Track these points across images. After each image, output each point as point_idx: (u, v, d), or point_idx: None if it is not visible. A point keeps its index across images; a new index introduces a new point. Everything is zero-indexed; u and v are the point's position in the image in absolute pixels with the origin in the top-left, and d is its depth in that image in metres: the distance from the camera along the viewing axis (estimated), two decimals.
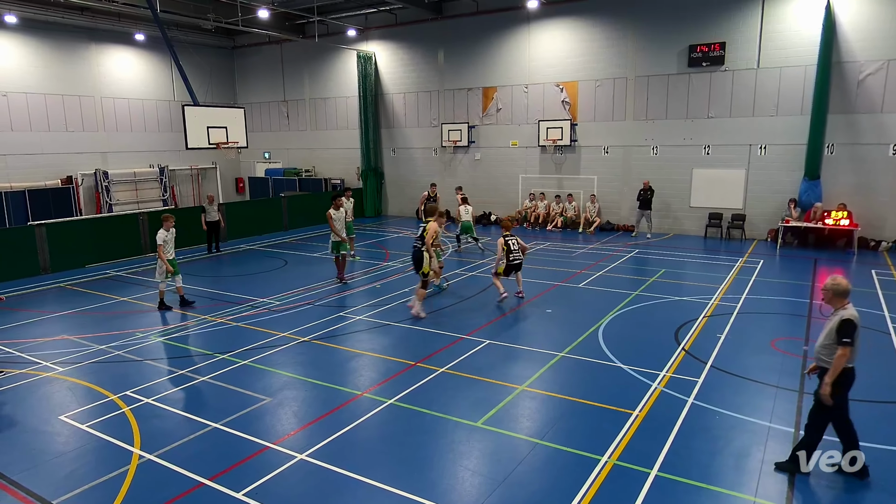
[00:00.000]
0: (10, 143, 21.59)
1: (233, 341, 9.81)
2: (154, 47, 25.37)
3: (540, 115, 21.61)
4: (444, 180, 24.35)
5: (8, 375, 8.48)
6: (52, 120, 22.82)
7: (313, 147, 27.79)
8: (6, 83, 21.44)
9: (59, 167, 22.89)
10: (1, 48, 21.23)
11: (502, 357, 8.93)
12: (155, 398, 7.63)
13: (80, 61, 23.53)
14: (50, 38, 22.50)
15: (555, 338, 9.74)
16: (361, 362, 8.91)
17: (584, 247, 17.86)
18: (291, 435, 6.65)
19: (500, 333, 9.99)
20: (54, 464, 6.16)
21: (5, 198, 20.74)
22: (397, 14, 23.83)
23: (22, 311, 11.78)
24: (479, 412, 7.09)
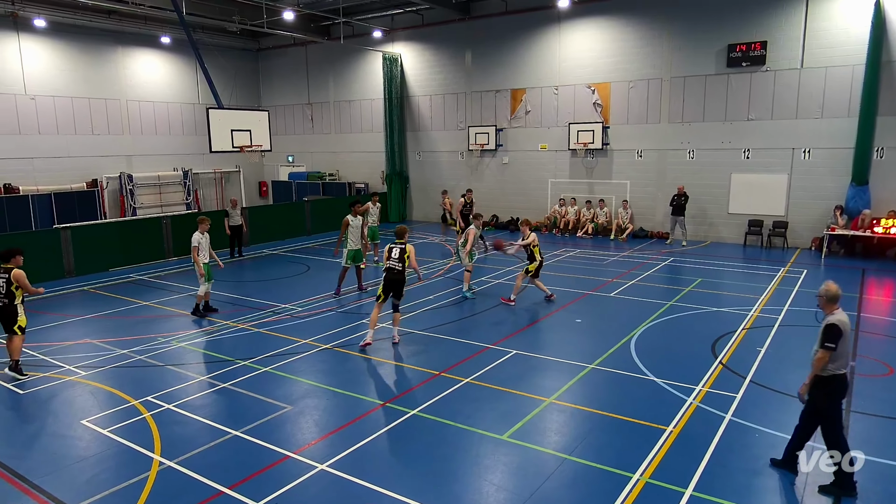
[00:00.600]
0: (37, 147, 22.28)
1: (254, 348, 9.93)
2: (179, 50, 25.96)
3: (570, 117, 21.50)
4: (470, 185, 24.31)
5: (31, 378, 8.71)
6: (79, 123, 23.49)
7: (337, 150, 28.08)
8: (35, 87, 22.16)
9: (84, 170, 23.53)
10: (30, 52, 21.96)
11: (530, 368, 8.87)
12: (176, 404, 7.76)
13: (106, 64, 24.21)
14: (77, 42, 23.19)
15: (585, 349, 9.64)
16: (384, 371, 8.94)
17: (616, 254, 17.68)
18: (312, 444, 6.69)
19: (527, 343, 9.93)
20: (76, 468, 6.30)
21: (32, 201, 21.39)
22: (424, 15, 23.98)
23: (46, 314, 12.11)
24: (506, 425, 7.04)
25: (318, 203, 23.12)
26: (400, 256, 9.76)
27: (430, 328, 10.78)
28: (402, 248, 9.80)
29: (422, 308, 12.14)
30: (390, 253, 9.81)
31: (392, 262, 9.77)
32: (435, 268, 16.01)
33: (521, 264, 13.94)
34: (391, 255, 9.80)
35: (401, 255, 9.77)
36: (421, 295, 13.12)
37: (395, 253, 9.79)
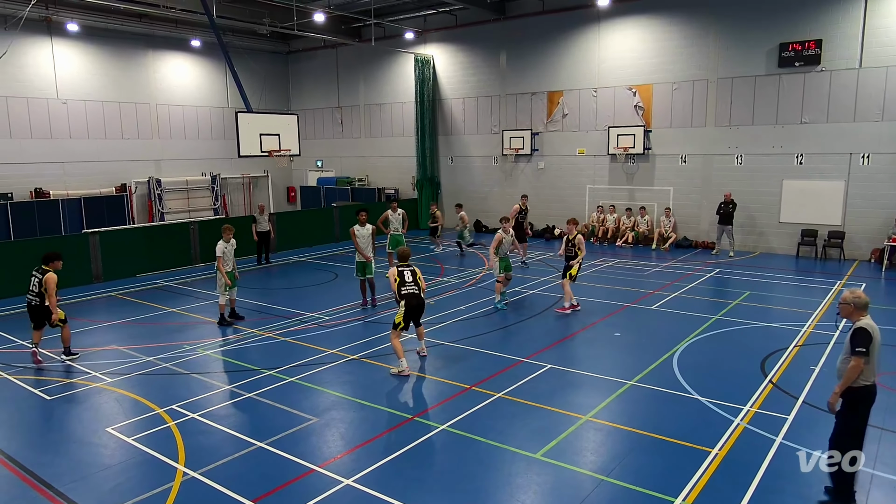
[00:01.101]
0: (68, 151, 23.06)
1: (280, 357, 10.06)
2: (209, 53, 26.62)
3: (610, 120, 21.33)
4: (504, 191, 24.33)
5: (58, 384, 8.98)
6: (109, 127, 24.24)
7: (367, 155, 28.36)
8: (67, 91, 22.96)
9: (113, 175, 24.25)
10: (63, 56, 22.78)
11: (565, 383, 8.78)
12: (200, 413, 7.90)
13: (137, 68, 24.96)
14: (109, 46, 23.97)
15: (624, 364, 9.52)
16: (413, 384, 8.95)
17: (658, 265, 17.43)
18: (338, 458, 6.73)
19: (563, 357, 9.84)
20: (100, 477, 6.45)
21: (62, 205, 22.13)
22: (457, 15, 24.12)
23: (73, 320, 12.46)
24: (539, 443, 6.98)
25: (347, 209, 23.36)
26: (414, 279, 9.51)
27: (461, 340, 10.77)
28: (412, 270, 9.57)
29: (452, 319, 12.14)
30: (403, 277, 9.46)
31: (408, 287, 9.43)
32: (466, 277, 16.00)
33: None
34: (405, 280, 9.43)
35: (414, 276, 9.52)
36: (451, 305, 13.12)
37: (408, 276, 9.48)
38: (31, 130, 22.14)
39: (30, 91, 22.00)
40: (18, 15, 18.75)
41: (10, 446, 7.15)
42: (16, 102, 21.70)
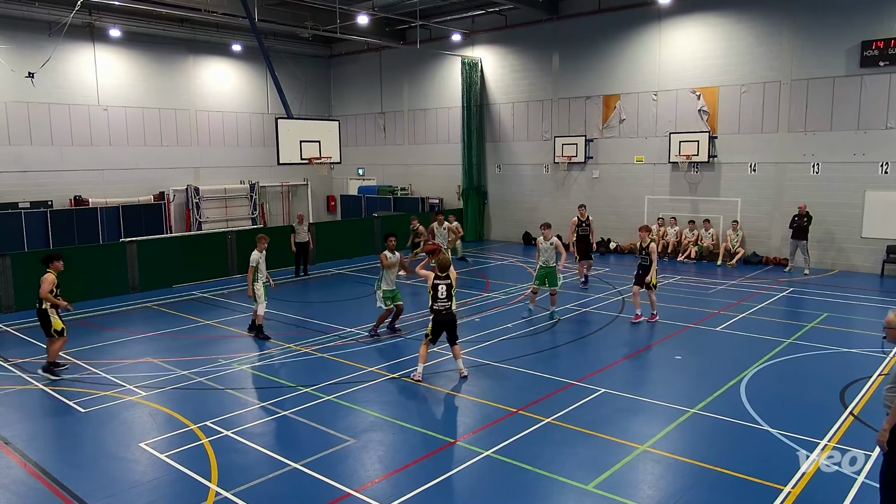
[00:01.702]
0: (107, 158, 24.04)
1: (317, 374, 10.19)
2: (250, 58, 27.42)
3: (671, 126, 21.01)
4: (555, 201, 24.19)
5: (92, 397, 9.30)
6: (148, 134, 25.18)
7: (410, 163, 28.64)
8: (107, 97, 23.98)
9: (152, 182, 25.15)
10: (105, 62, 23.82)
11: (621, 409, 8.65)
12: (234, 431, 8.06)
13: (177, 74, 25.89)
14: (150, 51, 24.95)
15: (685, 390, 9.31)
16: (456, 405, 8.95)
17: (724, 282, 17.03)
18: (376, 483, 6.76)
19: (618, 381, 9.69)
20: (132, 493, 6.64)
21: (100, 213, 23.04)
22: (507, 15, 24.23)
23: (108, 331, 12.94)
24: (591, 473, 6.87)
25: (388, 219, 23.60)
26: (448, 294, 9.62)
27: (507, 360, 10.71)
28: (448, 284, 9.64)
29: (499, 337, 12.10)
30: (436, 291, 9.58)
31: (440, 302, 9.58)
32: (514, 293, 15.93)
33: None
34: (438, 295, 9.58)
35: (448, 292, 9.62)
36: (498, 322, 13.08)
37: (441, 291, 9.58)
38: (72, 137, 23.18)
39: (71, 98, 23.06)
40: (62, 21, 19.72)
41: (44, 459, 7.44)
42: (58, 109, 22.77)
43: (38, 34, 21.47)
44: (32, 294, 14.51)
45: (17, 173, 21.90)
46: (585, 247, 16.37)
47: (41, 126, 22.44)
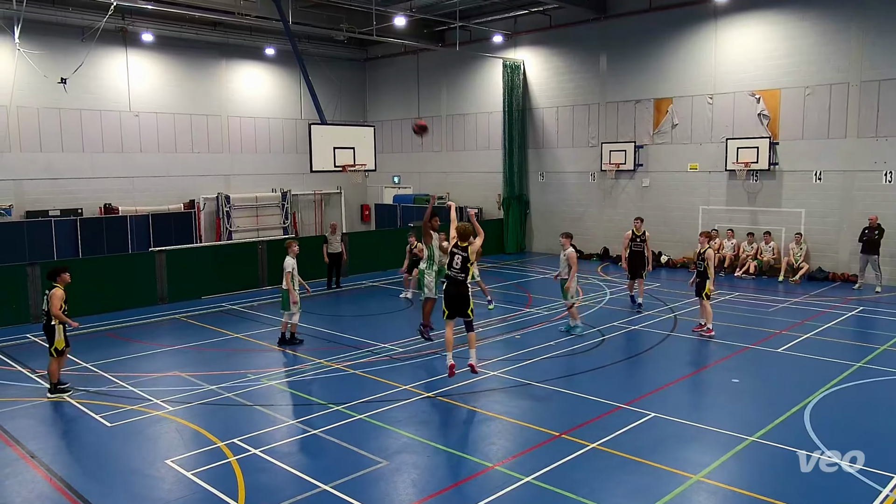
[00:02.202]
0: (137, 165, 24.72)
1: (349, 391, 10.25)
2: (283, 62, 27.95)
3: (728, 131, 20.68)
4: (602, 211, 23.98)
5: (120, 411, 9.52)
6: (179, 141, 25.83)
7: (448, 170, 28.74)
8: (139, 103, 24.70)
9: (182, 190, 25.75)
10: (136, 67, 24.56)
11: (672, 435, 8.49)
12: (262, 449, 8.15)
13: (209, 79, 26.53)
14: (182, 56, 25.64)
15: (743, 416, 9.10)
16: (494, 427, 8.89)
17: (786, 300, 16.63)
18: None
19: (669, 405, 9.52)
20: None
21: (130, 222, 23.68)
22: (551, 15, 24.22)
23: (136, 343, 13.25)
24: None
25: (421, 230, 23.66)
26: (462, 266, 9.91)
27: (550, 380, 10.62)
28: (464, 256, 9.92)
29: (541, 355, 12.01)
30: (452, 259, 10.03)
31: (452, 270, 10.02)
32: (557, 308, 15.81)
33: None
34: (453, 263, 10.02)
35: (463, 264, 9.91)
36: (540, 340, 13.00)
37: (456, 261, 9.99)
38: (103, 144, 23.91)
39: (103, 104, 23.81)
40: (95, 26, 20.42)
41: (69, 474, 7.63)
42: (89, 116, 23.53)
43: (71, 39, 22.26)
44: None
45: (48, 180, 22.66)
46: (637, 264, 15.41)
47: (72, 133, 23.21)
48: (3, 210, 21.51)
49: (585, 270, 21.25)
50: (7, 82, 21.20)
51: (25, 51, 20.35)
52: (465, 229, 10.10)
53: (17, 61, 20.74)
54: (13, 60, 20.79)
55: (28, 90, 21.76)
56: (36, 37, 21.25)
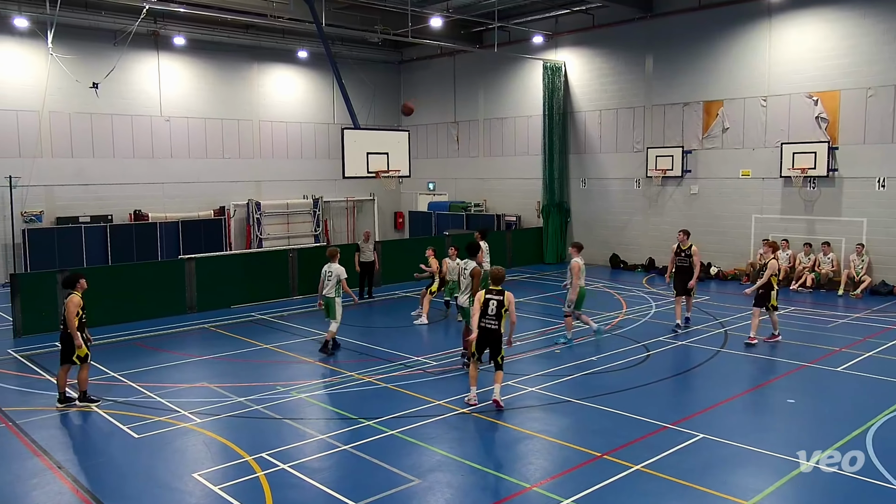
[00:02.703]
0: (168, 171, 25.27)
1: (381, 405, 10.28)
2: (316, 65, 28.33)
3: (783, 135, 20.33)
4: (647, 220, 23.73)
5: (147, 422, 9.70)
6: (210, 146, 26.33)
7: (485, 177, 28.75)
8: (170, 108, 25.27)
9: (212, 197, 26.22)
10: (168, 72, 25.15)
11: (722, 458, 8.36)
12: (291, 464, 8.22)
13: (241, 83, 27.03)
14: (214, 60, 26.18)
15: (799, 439, 8.89)
16: (532, 446, 8.84)
17: (847, 315, 16.24)
18: None
19: (720, 426, 9.35)
20: None
21: (160, 229, 24.19)
22: (594, 14, 24.12)
23: (164, 353, 13.49)
24: None
25: (461, 238, 23.64)
26: (497, 313, 9.82)
27: (591, 397, 10.52)
28: (499, 301, 9.81)
29: (582, 371, 11.91)
30: (486, 307, 9.82)
31: (487, 319, 9.85)
32: (599, 321, 15.66)
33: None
34: (487, 311, 9.83)
35: (498, 310, 9.81)
36: (581, 355, 12.89)
37: (491, 308, 9.81)
38: (134, 150, 24.50)
39: (134, 108, 24.42)
40: (127, 30, 20.98)
41: (96, 486, 7.79)
42: (120, 121, 24.15)
43: (103, 43, 22.91)
44: (93, 312, 15.41)
45: (79, 186, 23.30)
46: (684, 280, 14.52)
47: (103, 138, 23.83)
48: (34, 216, 22.18)
49: (629, 282, 21.05)
50: (40, 87, 21.87)
51: (58, 55, 20.99)
52: (499, 272, 10.11)
53: (49, 66, 21.42)
54: (46, 65, 21.46)
55: (60, 95, 22.44)
56: (68, 41, 21.91)
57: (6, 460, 8.50)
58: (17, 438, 9.17)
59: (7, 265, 21.62)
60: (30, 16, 21.14)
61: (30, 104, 22.07)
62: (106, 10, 22.44)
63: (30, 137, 22.19)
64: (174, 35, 24.26)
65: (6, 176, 21.28)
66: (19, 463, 8.42)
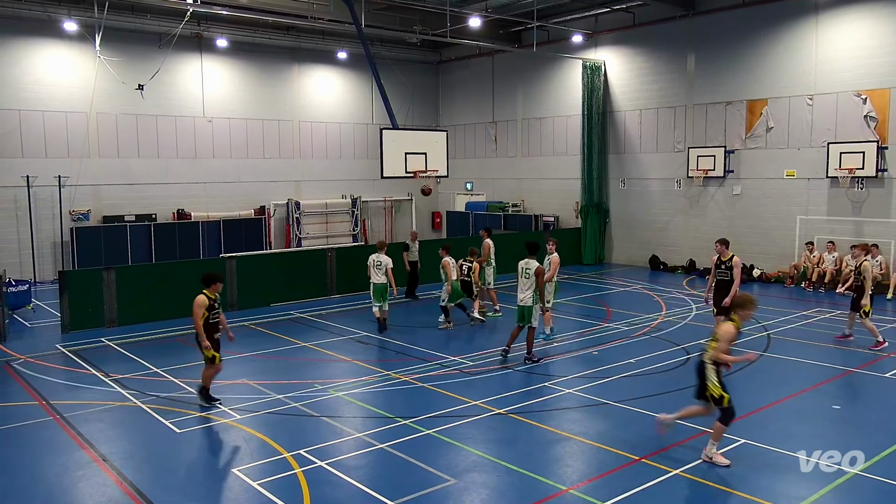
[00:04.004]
0: (210, 171, 25.73)
1: (417, 405, 10.34)
2: (355, 66, 28.56)
3: (830, 135, 19.86)
4: (688, 221, 23.41)
5: (187, 417, 9.89)
6: (251, 146, 26.74)
7: (523, 177, 28.66)
8: (212, 109, 25.73)
9: (253, 196, 26.62)
10: (210, 73, 25.62)
11: (763, 464, 8.20)
12: (329, 462, 8.30)
13: (281, 84, 27.39)
14: (255, 61, 26.58)
15: (844, 446, 8.64)
16: (568, 448, 8.79)
17: (894, 320, 15.75)
18: None
19: (761, 431, 9.18)
20: None
21: (202, 228, 24.64)
22: (635, 13, 23.88)
23: None
24: None
25: (498, 239, 23.59)
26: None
27: (630, 400, 10.42)
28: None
29: (620, 373, 11.80)
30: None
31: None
32: (639, 324, 15.49)
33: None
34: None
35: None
36: (620, 357, 12.77)
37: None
38: (177, 150, 25.02)
39: (178, 109, 24.93)
40: (172, 33, 21.42)
41: (139, 479, 7.97)
42: (165, 121, 24.67)
43: (148, 46, 23.45)
44: (136, 309, 15.83)
45: (124, 186, 23.88)
46: (722, 297, 12.32)
47: (148, 138, 24.38)
48: (82, 215, 22.79)
49: (669, 284, 20.79)
50: (88, 89, 22.51)
51: (105, 58, 21.55)
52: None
53: (97, 68, 22.00)
54: (94, 68, 22.06)
55: (107, 97, 23.03)
56: (115, 44, 22.47)
57: (54, 452, 8.76)
58: (64, 431, 9.44)
59: (56, 262, 22.27)
60: (79, 19, 21.74)
61: (78, 106, 22.72)
62: (151, 13, 22.97)
63: (78, 138, 22.82)
64: (217, 37, 24.71)
65: (55, 175, 21.93)
66: (67, 455, 8.66)
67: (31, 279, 20.63)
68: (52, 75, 22.43)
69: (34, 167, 21.85)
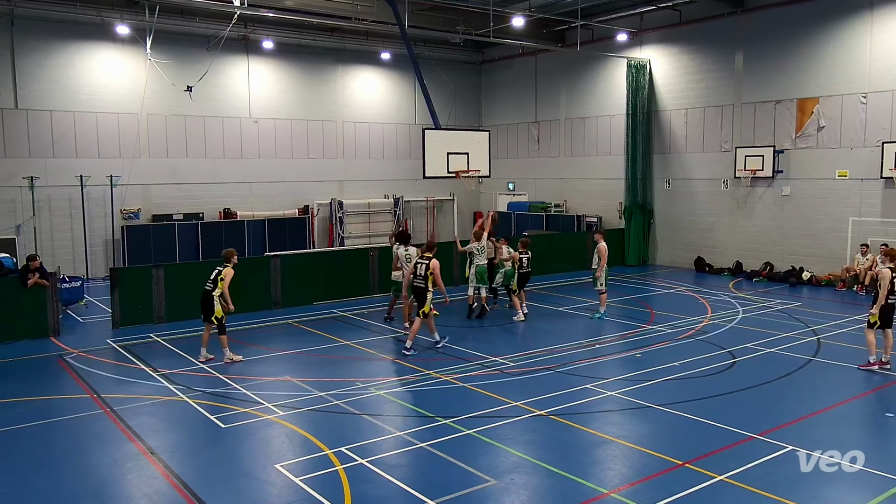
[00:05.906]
0: (255, 171, 26.16)
1: (458, 405, 10.34)
2: (398, 66, 28.73)
3: (885, 134, 19.29)
4: (735, 222, 22.97)
5: (232, 413, 10.08)
6: (296, 146, 27.11)
7: (566, 177, 28.46)
8: (258, 109, 26.16)
9: (297, 196, 26.99)
10: (257, 74, 26.05)
11: (813, 472, 8.01)
12: (369, 459, 8.37)
13: (325, 84, 27.70)
14: (300, 62, 26.94)
15: None
16: (610, 451, 8.71)
17: None
18: None
19: (810, 438, 8.95)
20: None
21: (247, 227, 25.06)
22: (681, 11, 23.53)
23: (250, 346, 13.97)
24: None
25: (540, 239, 23.49)
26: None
27: (673, 403, 10.26)
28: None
29: (664, 376, 11.63)
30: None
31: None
32: (683, 326, 15.25)
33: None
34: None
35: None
36: (663, 359, 12.59)
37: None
38: (224, 150, 25.49)
39: (225, 110, 25.40)
40: (219, 35, 21.85)
41: (185, 472, 8.15)
42: (212, 122, 25.16)
43: (197, 48, 23.95)
44: (184, 305, 16.17)
45: (173, 185, 24.42)
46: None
47: (196, 139, 24.90)
48: (132, 213, 23.40)
49: (715, 286, 20.42)
50: (138, 91, 23.09)
51: (156, 60, 22.08)
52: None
53: (147, 70, 22.56)
54: (144, 70, 22.63)
55: (156, 98, 23.59)
56: (165, 47, 23.01)
57: (105, 445, 9.01)
58: (114, 424, 9.70)
59: (107, 260, 22.90)
60: (130, 23, 22.31)
61: (129, 107, 23.32)
62: (200, 16, 23.45)
63: (129, 139, 23.42)
64: (263, 39, 25.12)
65: (108, 175, 22.54)
66: (116, 447, 8.90)
67: (84, 276, 21.23)
68: (104, 78, 23.04)
69: (87, 167, 22.50)
